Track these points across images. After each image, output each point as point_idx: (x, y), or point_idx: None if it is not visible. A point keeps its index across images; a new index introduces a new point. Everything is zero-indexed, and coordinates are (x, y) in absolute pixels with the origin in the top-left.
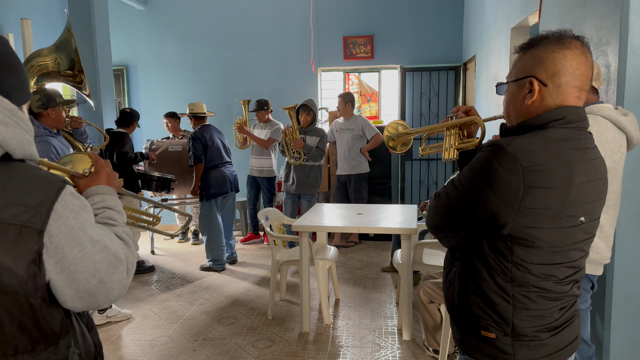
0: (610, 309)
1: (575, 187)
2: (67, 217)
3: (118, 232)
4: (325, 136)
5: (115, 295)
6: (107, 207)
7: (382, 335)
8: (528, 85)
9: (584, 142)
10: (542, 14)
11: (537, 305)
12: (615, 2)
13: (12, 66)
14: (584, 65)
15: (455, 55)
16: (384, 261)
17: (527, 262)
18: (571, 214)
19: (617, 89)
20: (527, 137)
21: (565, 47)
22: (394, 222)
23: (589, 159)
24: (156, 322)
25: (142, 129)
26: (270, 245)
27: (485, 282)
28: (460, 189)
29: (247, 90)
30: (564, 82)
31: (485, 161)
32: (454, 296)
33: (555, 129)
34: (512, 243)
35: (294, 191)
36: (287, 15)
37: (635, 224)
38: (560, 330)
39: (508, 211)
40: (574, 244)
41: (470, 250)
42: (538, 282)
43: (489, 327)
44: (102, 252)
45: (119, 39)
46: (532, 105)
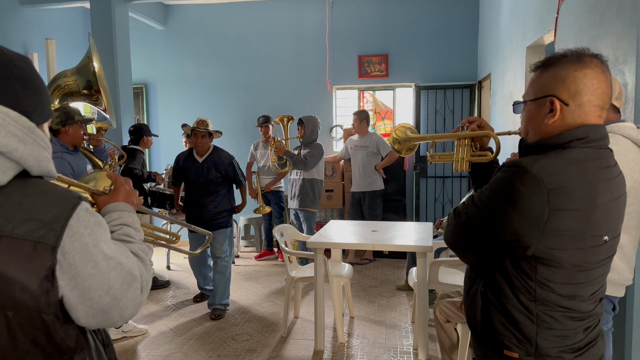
0: (631, 331)
1: (600, 207)
2: (81, 234)
3: (134, 249)
4: (317, 149)
5: (129, 313)
6: (125, 224)
7: (398, 354)
8: (549, 104)
9: (606, 160)
10: (558, 33)
11: (562, 325)
12: (632, 22)
13: (33, 85)
14: (605, 84)
15: (471, 74)
16: (398, 279)
17: (551, 282)
18: (595, 234)
19: (635, 108)
20: (551, 157)
21: (586, 66)
22: (409, 240)
23: (611, 177)
24: (171, 337)
25: (161, 145)
26: (285, 262)
27: (508, 300)
28: (482, 209)
29: (264, 108)
30: (586, 101)
31: (509, 182)
32: (476, 313)
33: (578, 148)
34: (536, 262)
35: (292, 207)
36: (303, 35)
37: None
38: (585, 351)
39: (533, 233)
40: (598, 263)
41: (493, 267)
42: (563, 301)
43: (511, 347)
44: (116, 269)
45: (139, 57)
46: (552, 125)
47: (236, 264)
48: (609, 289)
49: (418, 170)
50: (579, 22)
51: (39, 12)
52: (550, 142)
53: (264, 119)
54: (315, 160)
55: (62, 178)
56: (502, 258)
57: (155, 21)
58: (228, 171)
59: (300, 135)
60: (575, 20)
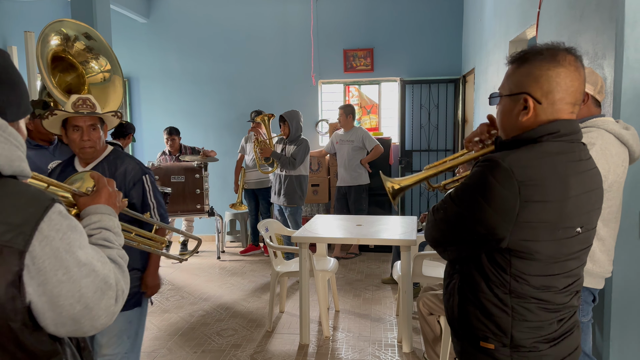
0: (609, 322)
1: (571, 199)
2: (52, 238)
3: (112, 255)
4: (303, 146)
5: (101, 322)
6: (104, 227)
7: (382, 347)
8: (522, 102)
9: (578, 154)
10: (540, 28)
11: (536, 316)
12: (610, 16)
13: (9, 80)
14: (577, 81)
15: (455, 68)
16: (384, 273)
17: (525, 274)
18: (568, 226)
19: (614, 102)
20: (522, 151)
21: (560, 64)
22: (393, 234)
23: (583, 170)
24: (155, 334)
25: (144, 140)
26: (270, 257)
27: (484, 294)
28: (458, 204)
29: (249, 103)
30: (558, 99)
31: (481, 176)
32: (454, 308)
33: (549, 142)
34: (511, 256)
35: (277, 202)
36: (288, 28)
37: (633, 237)
38: (559, 341)
39: (506, 225)
40: (572, 254)
41: (469, 262)
42: (537, 293)
43: (488, 338)
44: (89, 277)
45: (121, 51)
46: (526, 121)
47: (221, 259)
48: (589, 281)
49: (403, 165)
50: (560, 17)
51: (18, 4)
52: (523, 137)
53: (256, 113)
54: (302, 158)
55: (42, 178)
56: (479, 252)
57: (137, 14)
58: (132, 194)
59: (285, 133)
60: (556, 15)
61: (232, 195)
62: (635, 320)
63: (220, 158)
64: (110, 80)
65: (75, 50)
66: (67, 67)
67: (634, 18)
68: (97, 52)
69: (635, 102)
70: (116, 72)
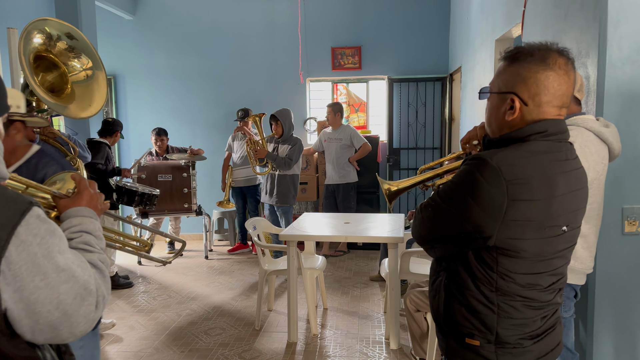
0: (592, 317)
1: (558, 198)
2: (30, 243)
3: (93, 259)
4: (297, 145)
5: (80, 330)
6: (85, 231)
7: (370, 344)
8: (510, 101)
9: (565, 153)
10: (525, 27)
11: (521, 314)
12: (594, 16)
13: None
14: (566, 85)
15: (442, 67)
16: (372, 270)
17: (512, 272)
18: (554, 224)
19: (597, 100)
20: (510, 150)
21: (549, 67)
22: (381, 231)
23: (570, 169)
24: (142, 333)
25: (130, 138)
26: (258, 255)
27: (470, 292)
28: (446, 201)
29: (236, 101)
30: (545, 102)
31: (469, 174)
32: (440, 305)
33: (537, 141)
34: (497, 254)
35: (269, 202)
36: (275, 26)
37: (616, 233)
38: (542, 337)
39: (493, 224)
40: (557, 253)
41: (456, 260)
42: (523, 291)
43: (473, 335)
44: (68, 283)
45: (107, 48)
46: (511, 120)
47: (209, 258)
48: (571, 278)
49: (391, 163)
50: (545, 15)
51: (1, 0)
52: (510, 136)
53: (243, 112)
54: (297, 158)
55: (20, 179)
56: (466, 250)
57: (123, 10)
58: None
59: (277, 133)
60: (541, 14)
61: (220, 193)
62: (618, 315)
63: (207, 156)
64: (93, 78)
65: (58, 50)
66: (49, 66)
67: (616, 17)
68: (79, 51)
69: (617, 100)
70: (98, 68)
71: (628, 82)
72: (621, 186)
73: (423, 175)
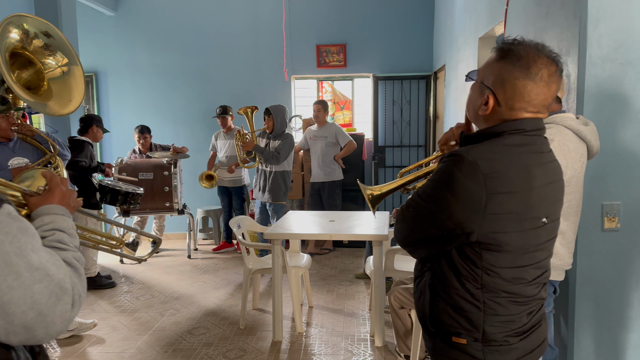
0: (573, 312)
1: (536, 189)
2: (1, 241)
3: (67, 257)
4: (288, 141)
5: (56, 329)
6: (58, 229)
7: (355, 342)
8: (486, 97)
9: (540, 146)
10: (507, 25)
11: (507, 310)
12: (574, 14)
13: None
14: (543, 95)
15: (426, 65)
16: (357, 268)
17: (496, 267)
18: (534, 216)
19: (577, 98)
20: (485, 145)
21: (529, 78)
22: (366, 229)
23: (545, 162)
24: (125, 333)
25: (112, 136)
26: (242, 254)
27: (455, 290)
28: (427, 200)
29: (220, 98)
30: (518, 107)
31: (447, 171)
32: (425, 305)
33: (512, 135)
34: (481, 249)
35: (261, 199)
36: (259, 23)
37: (596, 229)
38: (528, 334)
39: (474, 218)
40: (540, 245)
41: (440, 259)
42: (508, 286)
43: (460, 334)
44: (43, 282)
45: (88, 44)
46: (483, 115)
47: (193, 257)
48: (551, 274)
49: (376, 160)
50: (526, 14)
51: None
52: (487, 132)
53: (221, 109)
54: (287, 154)
55: None
56: (449, 248)
57: (104, 6)
58: None
59: (269, 127)
60: (523, 12)
61: (204, 192)
62: (598, 310)
63: (191, 154)
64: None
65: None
66: (24, 63)
67: (596, 16)
68: (54, 49)
69: (597, 98)
70: (74, 63)
71: (607, 81)
72: (601, 183)
73: (404, 179)
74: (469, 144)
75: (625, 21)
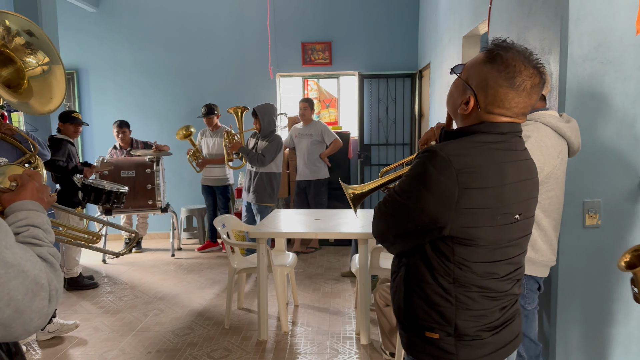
0: (555, 308)
1: (508, 186)
2: None
3: (42, 253)
4: (275, 142)
5: (34, 325)
6: (32, 224)
7: (341, 340)
8: (467, 97)
9: (513, 144)
10: (491, 24)
11: (479, 305)
12: (556, 13)
13: None
14: (524, 103)
15: (411, 63)
16: (343, 266)
17: (468, 261)
18: (506, 212)
19: (559, 96)
20: (459, 141)
21: (513, 88)
22: (352, 227)
23: (518, 159)
24: (108, 334)
25: (94, 134)
26: (227, 253)
27: (428, 285)
28: (402, 196)
29: (205, 96)
30: (497, 112)
31: (422, 167)
32: (400, 301)
33: (486, 134)
34: (453, 243)
35: (246, 199)
36: (244, 20)
37: (577, 226)
38: (501, 329)
39: (447, 213)
40: (512, 241)
41: (414, 253)
42: (480, 281)
43: (433, 329)
44: (18, 278)
45: (69, 41)
46: (462, 113)
47: (177, 256)
48: (533, 270)
49: (362, 159)
50: (509, 13)
51: None
52: (466, 130)
53: (206, 109)
54: (272, 156)
55: None
56: (423, 242)
57: (85, 3)
58: None
59: (257, 128)
60: (506, 11)
61: (187, 191)
62: (580, 307)
63: (174, 152)
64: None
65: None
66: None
67: (577, 15)
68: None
69: (578, 96)
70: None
71: (588, 79)
72: (582, 180)
73: (385, 178)
74: (449, 140)
75: (605, 21)
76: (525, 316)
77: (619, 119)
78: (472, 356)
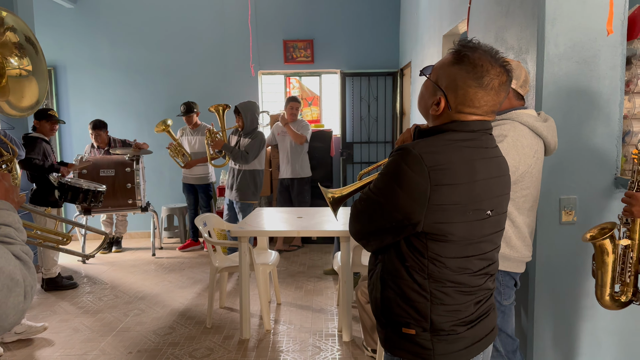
0: (533, 303)
1: (479, 182)
2: None
3: (16, 251)
4: (258, 139)
5: (10, 322)
6: (4, 223)
7: (323, 337)
8: (437, 98)
9: (484, 142)
10: (470, 23)
11: (453, 300)
12: (533, 13)
13: None
14: (492, 102)
15: (393, 61)
16: (326, 264)
17: (442, 257)
18: (478, 208)
19: (536, 95)
20: (431, 139)
21: (481, 87)
22: (334, 225)
23: (489, 157)
24: (87, 335)
25: (72, 132)
26: (208, 252)
27: (403, 281)
28: (376, 193)
29: (186, 94)
30: (467, 111)
31: (395, 164)
32: (377, 297)
33: (457, 132)
34: (427, 239)
35: (229, 197)
36: (225, 17)
37: (553, 223)
38: (476, 323)
39: (419, 209)
40: (484, 237)
41: (390, 250)
42: (453, 276)
43: (409, 324)
44: None
45: (46, 38)
46: (433, 114)
47: (158, 256)
48: (508, 265)
49: (345, 157)
50: (488, 12)
51: None
52: (439, 129)
53: (185, 108)
54: (256, 153)
55: None
56: (398, 239)
57: None
58: None
59: (240, 126)
60: (484, 11)
61: (168, 190)
62: (556, 301)
63: (154, 151)
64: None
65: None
66: None
67: (553, 15)
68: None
69: (555, 95)
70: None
71: (564, 78)
72: (558, 178)
73: (363, 181)
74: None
75: (581, 21)
76: (502, 312)
77: (593, 117)
78: (448, 351)
